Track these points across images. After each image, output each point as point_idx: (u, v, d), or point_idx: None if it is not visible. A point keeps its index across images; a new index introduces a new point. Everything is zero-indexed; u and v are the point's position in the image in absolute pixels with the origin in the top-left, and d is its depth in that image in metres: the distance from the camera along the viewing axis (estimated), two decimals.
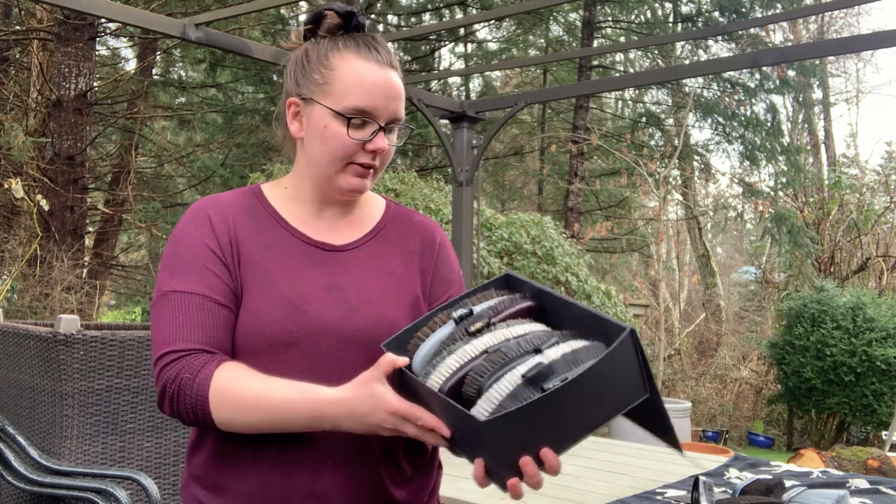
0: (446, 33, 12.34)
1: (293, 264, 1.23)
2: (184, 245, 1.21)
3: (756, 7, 10.97)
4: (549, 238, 7.39)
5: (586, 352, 1.05)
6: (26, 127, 7.78)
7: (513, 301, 1.17)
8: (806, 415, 8.38)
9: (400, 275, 1.28)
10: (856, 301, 7.66)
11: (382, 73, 1.22)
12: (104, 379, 2.81)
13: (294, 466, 1.18)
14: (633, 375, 1.06)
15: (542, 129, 13.97)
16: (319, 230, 1.28)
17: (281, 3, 3.95)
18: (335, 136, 1.21)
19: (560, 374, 1.00)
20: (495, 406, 1.00)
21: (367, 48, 1.23)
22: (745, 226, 15.88)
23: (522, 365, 1.02)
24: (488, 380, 1.03)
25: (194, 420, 1.14)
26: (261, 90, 11.48)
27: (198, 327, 1.15)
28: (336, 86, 1.21)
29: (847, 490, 2.56)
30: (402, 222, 1.35)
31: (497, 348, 1.06)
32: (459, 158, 4.98)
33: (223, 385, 1.11)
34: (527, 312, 1.15)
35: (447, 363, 1.07)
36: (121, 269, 11.54)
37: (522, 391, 1.00)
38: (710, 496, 2.21)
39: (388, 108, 1.22)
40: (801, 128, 17.04)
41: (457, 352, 1.07)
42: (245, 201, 1.28)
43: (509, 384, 1.01)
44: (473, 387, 1.04)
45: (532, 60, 11.90)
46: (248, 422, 1.11)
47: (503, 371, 1.03)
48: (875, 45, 3.96)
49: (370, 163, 1.23)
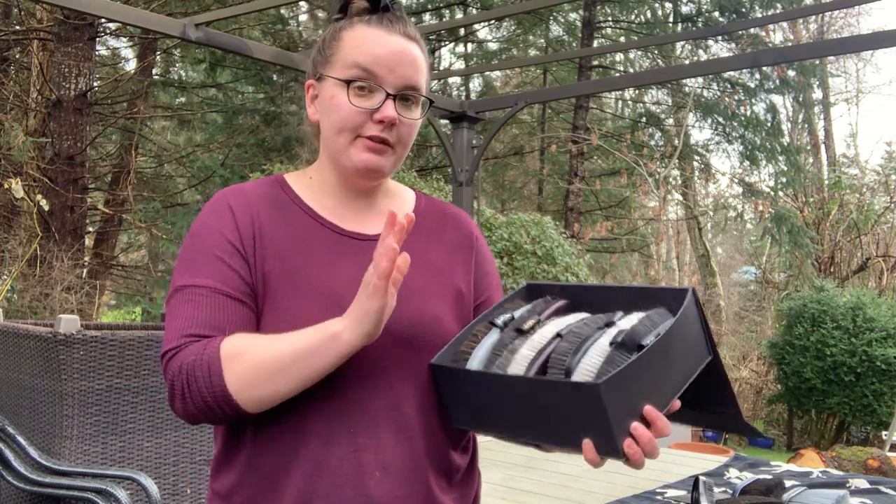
0: (446, 33, 12.35)
1: (326, 257, 1.14)
2: (201, 237, 1.12)
3: (756, 7, 10.97)
4: (549, 238, 7.39)
5: (656, 316, 1.03)
6: (26, 127, 7.79)
7: (547, 302, 1.13)
8: (806, 415, 8.38)
9: (439, 266, 1.20)
10: (856, 301, 7.66)
11: (391, 38, 1.13)
12: (104, 379, 2.81)
13: (337, 475, 1.07)
14: (700, 335, 1.06)
15: (542, 129, 13.97)
16: (350, 220, 1.19)
17: (281, 3, 3.95)
18: (340, 105, 1.13)
19: (647, 333, 0.98)
20: (593, 376, 0.95)
21: (380, 20, 1.15)
22: (745, 226, 15.88)
23: (604, 336, 0.99)
24: (573, 358, 0.98)
25: (212, 403, 1.02)
26: (261, 90, 11.49)
27: (205, 320, 1.07)
28: (340, 53, 1.14)
29: (847, 490, 2.56)
30: (436, 213, 1.27)
31: (569, 330, 1.02)
32: (459, 158, 4.98)
33: (233, 347, 1.03)
34: (565, 310, 1.12)
35: (521, 354, 1.02)
36: (121, 269, 11.55)
37: (616, 356, 0.96)
38: (710, 496, 2.21)
39: (395, 72, 1.12)
40: (801, 128, 17.04)
41: (525, 345, 1.02)
42: (269, 190, 1.19)
43: (599, 355, 0.97)
44: (559, 367, 0.98)
45: (532, 60, 11.90)
46: (265, 373, 1.01)
47: (586, 346, 0.99)
48: (875, 45, 3.97)
49: (380, 135, 1.12)
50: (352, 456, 1.07)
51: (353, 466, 1.07)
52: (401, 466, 1.09)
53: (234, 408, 1.03)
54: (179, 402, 1.04)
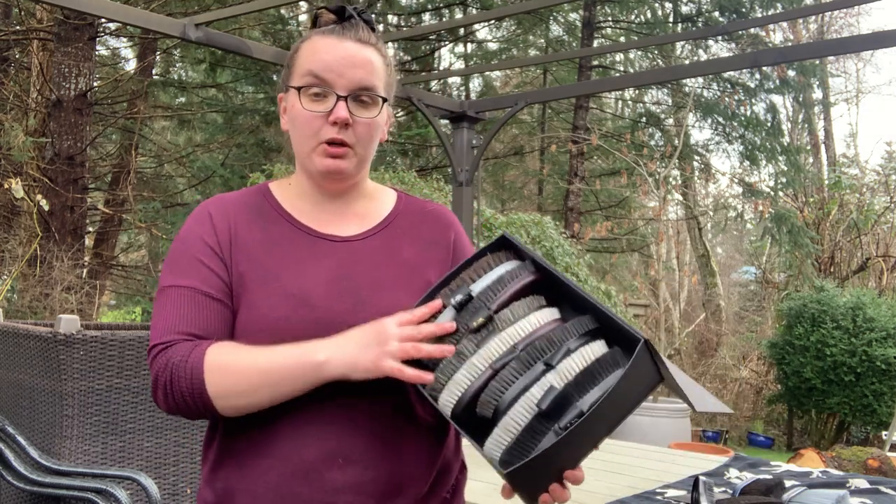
0: (446, 33, 12.34)
1: (299, 259, 1.20)
2: (184, 242, 1.21)
3: (756, 7, 10.97)
4: (549, 238, 7.39)
5: (600, 365, 1.02)
6: (26, 127, 7.78)
7: (513, 276, 1.11)
8: (806, 415, 8.38)
9: (413, 263, 1.25)
10: (856, 301, 7.66)
11: (342, 44, 1.19)
12: (104, 379, 2.81)
13: (306, 462, 1.15)
14: (649, 375, 1.05)
15: (542, 129, 13.97)
16: (326, 223, 1.25)
17: (281, 3, 3.95)
18: (298, 113, 1.20)
19: (574, 404, 1.00)
20: (512, 439, 1.01)
21: (334, 29, 1.21)
22: (745, 226, 15.88)
23: (536, 387, 1.01)
24: (502, 404, 1.02)
25: (191, 403, 1.11)
26: (261, 90, 11.48)
27: (190, 319, 1.15)
28: (297, 64, 1.21)
29: (847, 490, 2.56)
30: (414, 212, 1.32)
31: (506, 362, 1.03)
32: (459, 158, 4.98)
33: (217, 357, 1.10)
34: (529, 288, 1.11)
35: (457, 380, 1.05)
36: (121, 269, 11.54)
37: (539, 425, 1.00)
38: (710, 496, 2.21)
39: (344, 76, 1.18)
40: (801, 128, 17.04)
41: (465, 366, 1.05)
42: (251, 200, 1.27)
43: (525, 412, 1.01)
44: (488, 409, 1.03)
45: (532, 60, 11.90)
46: (244, 387, 1.09)
47: (516, 394, 1.02)
48: (875, 45, 3.97)
49: (336, 137, 1.18)
50: (318, 443, 1.14)
51: (318, 454, 1.14)
52: (363, 453, 1.15)
53: (212, 411, 1.12)
54: (161, 395, 1.13)
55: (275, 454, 1.15)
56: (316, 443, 1.14)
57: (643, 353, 1.00)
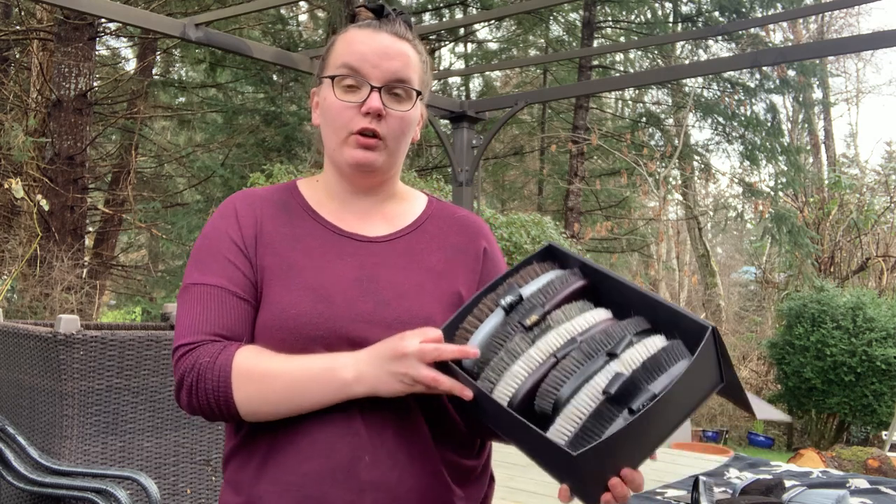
0: (446, 33, 12.35)
1: (322, 255, 1.18)
2: (210, 238, 1.20)
3: (756, 7, 10.97)
4: (549, 238, 7.39)
5: (666, 354, 0.98)
6: (26, 127, 7.77)
7: (563, 282, 1.08)
8: (806, 415, 8.38)
9: (440, 270, 1.21)
10: (856, 301, 7.66)
11: (378, 36, 1.18)
12: (104, 379, 2.81)
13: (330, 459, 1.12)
14: (712, 371, 1.00)
15: (542, 129, 13.97)
16: (352, 222, 1.23)
17: (281, 3, 3.95)
18: (331, 105, 1.18)
19: (644, 388, 0.94)
20: (578, 427, 0.94)
21: (370, 23, 1.20)
22: (745, 226, 15.89)
23: (600, 374, 0.96)
24: (565, 393, 0.96)
25: (215, 406, 1.10)
26: (261, 90, 11.48)
27: (216, 319, 1.13)
28: (332, 57, 1.20)
29: (847, 490, 2.56)
30: (444, 217, 1.29)
31: (567, 352, 0.99)
32: (459, 158, 4.98)
33: (245, 363, 1.09)
34: (580, 293, 1.07)
35: (513, 371, 1.00)
36: (121, 269, 11.54)
37: (606, 409, 0.94)
38: (710, 496, 2.21)
39: (379, 67, 1.16)
40: (801, 128, 17.05)
41: (521, 357, 1.00)
42: (278, 196, 1.25)
43: (590, 400, 0.95)
44: (548, 400, 0.98)
45: (532, 60, 11.91)
46: (270, 396, 1.08)
47: (580, 383, 0.96)
48: (875, 45, 3.97)
49: (368, 127, 1.16)
50: (345, 443, 1.11)
51: (345, 453, 1.11)
52: (391, 453, 1.12)
53: (235, 416, 1.11)
54: (185, 396, 1.12)
55: (300, 454, 1.12)
56: (342, 442, 1.11)
57: (710, 341, 0.96)
